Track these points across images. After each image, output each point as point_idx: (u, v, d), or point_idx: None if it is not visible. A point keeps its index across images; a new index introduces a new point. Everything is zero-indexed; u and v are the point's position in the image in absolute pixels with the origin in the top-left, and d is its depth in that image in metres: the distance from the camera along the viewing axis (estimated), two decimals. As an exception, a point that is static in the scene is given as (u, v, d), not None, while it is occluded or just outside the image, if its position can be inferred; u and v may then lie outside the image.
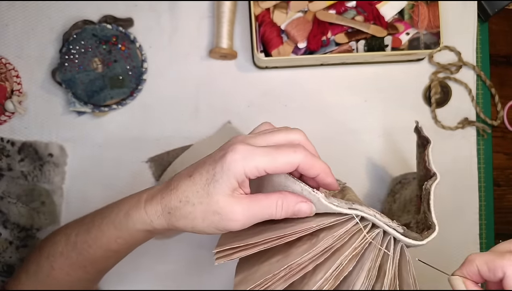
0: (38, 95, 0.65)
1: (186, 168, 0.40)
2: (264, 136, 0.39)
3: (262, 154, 0.36)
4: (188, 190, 0.37)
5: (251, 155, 0.36)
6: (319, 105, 0.68)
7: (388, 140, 0.68)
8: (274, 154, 0.36)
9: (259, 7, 0.63)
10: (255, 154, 0.36)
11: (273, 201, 0.38)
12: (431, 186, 0.45)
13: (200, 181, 0.37)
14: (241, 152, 0.36)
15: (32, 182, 0.63)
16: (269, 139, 0.39)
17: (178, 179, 0.39)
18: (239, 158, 0.36)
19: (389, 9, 0.65)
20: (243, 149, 0.36)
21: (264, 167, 0.36)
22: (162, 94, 0.66)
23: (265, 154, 0.36)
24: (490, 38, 0.71)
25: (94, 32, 0.61)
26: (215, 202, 0.37)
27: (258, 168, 0.36)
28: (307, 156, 0.37)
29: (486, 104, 0.70)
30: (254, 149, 0.36)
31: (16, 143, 0.63)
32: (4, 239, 0.63)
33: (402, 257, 0.41)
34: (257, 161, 0.36)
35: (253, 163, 0.36)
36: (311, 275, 0.38)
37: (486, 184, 0.70)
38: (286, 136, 0.40)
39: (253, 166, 0.36)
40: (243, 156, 0.36)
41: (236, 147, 0.36)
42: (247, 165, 0.36)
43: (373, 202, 0.68)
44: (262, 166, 0.36)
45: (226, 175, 0.36)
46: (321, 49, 0.64)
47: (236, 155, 0.36)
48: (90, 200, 0.65)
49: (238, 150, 0.36)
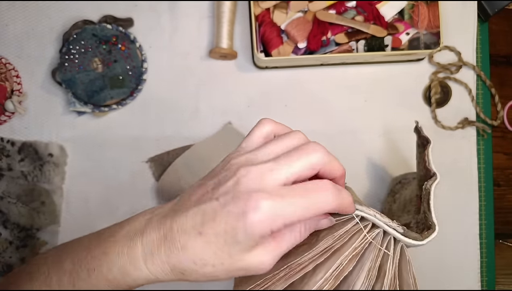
0: (38, 95, 0.65)
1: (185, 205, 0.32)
2: (273, 152, 0.33)
3: (292, 206, 0.30)
4: (202, 252, 0.31)
5: (280, 211, 0.29)
6: (319, 105, 0.68)
7: (388, 140, 0.68)
8: (304, 203, 0.30)
9: (259, 7, 0.63)
10: (284, 210, 0.29)
11: (297, 231, 0.33)
12: (431, 186, 0.45)
13: (216, 241, 0.30)
14: (267, 211, 0.29)
15: (32, 182, 0.63)
16: (283, 157, 0.32)
17: (183, 234, 0.31)
18: (264, 219, 0.29)
19: (389, 9, 0.65)
20: (268, 206, 0.29)
21: (295, 221, 0.30)
22: (162, 94, 0.66)
23: (295, 206, 0.30)
24: (490, 38, 0.71)
25: (94, 32, 0.61)
26: (239, 260, 0.31)
27: (287, 223, 0.30)
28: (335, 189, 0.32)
29: (486, 104, 0.70)
30: (282, 201, 0.29)
31: (16, 143, 0.63)
32: (4, 239, 0.63)
33: (402, 257, 0.41)
34: (287, 218, 0.30)
35: (281, 221, 0.30)
36: (311, 275, 0.38)
37: (486, 184, 0.70)
38: (300, 152, 0.33)
39: (282, 224, 0.30)
40: (270, 217, 0.29)
41: (258, 203, 0.29)
42: (275, 224, 0.29)
43: (373, 202, 0.68)
44: (293, 220, 0.30)
45: (250, 237, 0.30)
46: (321, 49, 0.64)
47: (260, 214, 0.29)
48: (90, 200, 0.65)
49: (262, 209, 0.29)
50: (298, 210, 0.30)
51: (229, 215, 0.30)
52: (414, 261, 0.72)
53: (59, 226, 0.64)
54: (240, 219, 0.29)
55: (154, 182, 0.65)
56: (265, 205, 0.29)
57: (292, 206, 0.30)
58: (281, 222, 0.29)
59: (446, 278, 0.68)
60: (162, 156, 0.65)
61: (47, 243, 0.63)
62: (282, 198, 0.29)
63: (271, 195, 0.29)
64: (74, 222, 0.65)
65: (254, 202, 0.29)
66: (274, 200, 0.29)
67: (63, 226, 0.64)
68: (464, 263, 0.68)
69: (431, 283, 0.68)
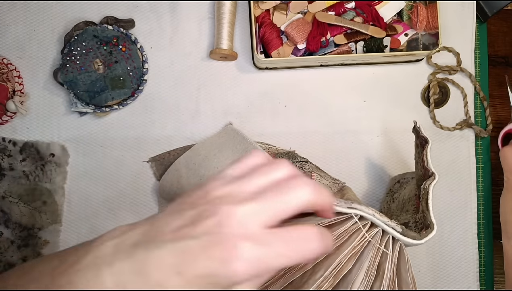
0: (40, 95, 0.65)
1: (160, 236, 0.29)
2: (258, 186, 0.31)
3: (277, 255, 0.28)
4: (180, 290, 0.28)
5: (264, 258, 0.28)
6: (319, 106, 0.68)
7: (387, 140, 0.69)
8: (289, 252, 0.29)
9: (259, 9, 0.63)
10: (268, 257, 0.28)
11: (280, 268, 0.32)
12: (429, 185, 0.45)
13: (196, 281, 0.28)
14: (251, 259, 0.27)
15: (33, 181, 0.64)
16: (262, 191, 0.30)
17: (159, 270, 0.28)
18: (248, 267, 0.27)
19: (388, 10, 0.65)
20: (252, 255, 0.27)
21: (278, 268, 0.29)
22: (163, 95, 0.66)
23: (280, 254, 0.28)
24: (489, 39, 0.71)
25: (95, 33, 0.62)
26: None
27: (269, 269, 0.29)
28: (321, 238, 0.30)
29: (482, 112, 0.71)
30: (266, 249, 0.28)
31: (18, 143, 0.64)
32: (6, 238, 0.63)
33: (401, 256, 0.41)
34: (270, 265, 0.28)
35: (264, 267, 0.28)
36: (310, 273, 0.39)
37: (485, 183, 0.70)
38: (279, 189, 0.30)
39: (265, 270, 0.28)
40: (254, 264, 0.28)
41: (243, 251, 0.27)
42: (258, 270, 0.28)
43: (372, 201, 0.68)
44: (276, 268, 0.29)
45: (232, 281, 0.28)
46: (321, 50, 0.64)
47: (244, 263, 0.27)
48: (91, 200, 0.65)
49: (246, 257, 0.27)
50: (282, 259, 0.29)
51: (211, 259, 0.27)
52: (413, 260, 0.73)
53: (61, 226, 0.64)
54: (223, 266, 0.27)
55: (155, 181, 0.66)
56: (249, 253, 0.27)
57: (277, 254, 0.28)
58: (264, 268, 0.28)
59: (445, 277, 0.68)
60: (163, 155, 0.65)
61: (49, 242, 0.64)
62: (267, 246, 0.28)
63: (255, 242, 0.28)
64: (76, 222, 0.65)
65: (238, 251, 0.27)
66: (259, 248, 0.28)
67: (65, 225, 0.65)
68: (463, 262, 0.68)
69: (430, 282, 0.68)
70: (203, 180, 0.57)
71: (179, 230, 0.29)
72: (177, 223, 0.29)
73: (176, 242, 0.28)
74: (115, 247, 0.29)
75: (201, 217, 0.29)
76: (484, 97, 0.70)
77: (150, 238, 0.29)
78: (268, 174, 0.31)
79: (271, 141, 0.67)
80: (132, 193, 0.66)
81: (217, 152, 0.60)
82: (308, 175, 0.57)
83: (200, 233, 0.28)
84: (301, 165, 0.60)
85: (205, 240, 0.28)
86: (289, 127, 0.67)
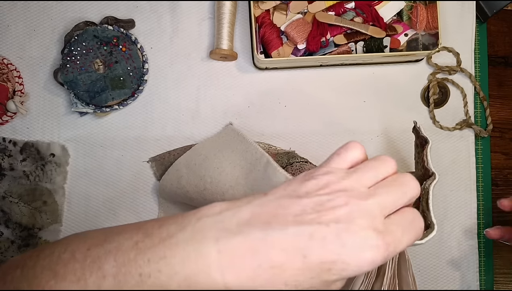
0: (40, 95, 0.65)
1: (279, 218, 0.29)
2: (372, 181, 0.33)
3: (399, 243, 0.30)
4: (298, 275, 0.28)
5: (389, 252, 0.29)
6: (319, 106, 0.68)
7: (387, 140, 0.69)
8: (408, 236, 0.31)
9: (259, 9, 0.63)
10: (393, 250, 0.30)
11: None
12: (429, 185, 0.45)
13: (318, 268, 0.28)
14: (382, 252, 0.29)
15: (34, 181, 0.64)
16: None
17: (281, 252, 0.28)
18: (378, 259, 0.29)
19: (387, 10, 0.65)
20: (383, 247, 0.29)
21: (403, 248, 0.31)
22: (163, 95, 0.66)
23: (401, 241, 0.30)
24: (488, 39, 0.71)
25: (96, 34, 0.62)
26: (331, 286, 0.30)
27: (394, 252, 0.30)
28: (422, 218, 0.33)
29: (482, 112, 0.71)
30: (393, 240, 0.30)
31: (18, 143, 0.64)
32: (6, 238, 0.63)
33: (401, 256, 0.41)
34: (394, 252, 0.30)
35: (391, 254, 0.30)
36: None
37: (484, 183, 0.70)
38: None
39: (389, 258, 0.30)
40: (384, 256, 0.29)
41: (377, 242, 0.29)
42: (385, 260, 0.30)
43: (372, 201, 0.68)
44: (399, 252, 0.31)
45: (358, 272, 0.29)
46: (321, 50, 0.64)
47: (376, 255, 0.29)
48: (91, 200, 0.65)
49: (378, 250, 0.29)
50: (404, 244, 0.30)
51: (343, 248, 0.28)
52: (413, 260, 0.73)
53: (61, 226, 0.64)
54: (355, 256, 0.28)
55: (155, 181, 0.66)
56: (377, 242, 0.28)
57: (400, 241, 0.30)
58: (389, 256, 0.29)
59: (445, 277, 0.69)
60: (163, 155, 0.65)
61: (49, 242, 0.64)
62: (392, 234, 0.29)
63: (382, 233, 0.29)
64: (76, 222, 0.65)
65: (369, 241, 0.28)
66: (386, 237, 0.29)
67: (65, 225, 0.65)
68: (463, 262, 0.69)
69: (430, 282, 0.68)
70: (203, 180, 0.57)
71: (302, 215, 0.29)
72: (297, 208, 0.29)
73: (299, 225, 0.28)
74: (218, 224, 0.29)
75: (324, 206, 0.29)
76: (484, 97, 0.70)
77: (265, 219, 0.29)
78: (378, 169, 0.33)
79: (271, 142, 0.67)
80: (132, 193, 0.66)
81: (217, 152, 0.60)
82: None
83: (329, 220, 0.28)
84: (301, 165, 0.60)
85: (336, 228, 0.28)
86: (289, 127, 0.68)
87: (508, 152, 0.72)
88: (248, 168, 0.54)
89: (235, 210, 0.30)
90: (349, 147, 0.35)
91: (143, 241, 0.29)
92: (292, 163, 0.60)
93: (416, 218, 0.32)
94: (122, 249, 0.29)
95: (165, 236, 0.29)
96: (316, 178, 0.31)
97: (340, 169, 0.33)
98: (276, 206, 0.30)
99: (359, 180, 0.31)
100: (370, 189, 0.31)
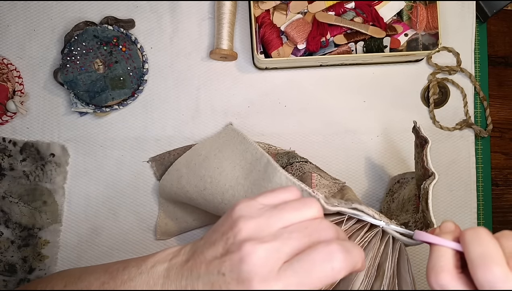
0: (40, 95, 0.65)
1: (198, 265, 0.33)
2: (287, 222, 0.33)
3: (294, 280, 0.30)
4: None
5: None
6: (319, 106, 0.68)
7: (387, 140, 0.69)
8: (307, 281, 0.30)
9: (259, 9, 0.63)
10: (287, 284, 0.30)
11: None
12: (429, 185, 0.45)
13: None
14: None
15: (34, 181, 0.64)
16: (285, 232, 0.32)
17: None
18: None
19: (387, 10, 0.65)
20: None
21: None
22: (163, 95, 0.66)
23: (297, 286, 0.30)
24: (488, 39, 0.71)
25: (96, 34, 0.62)
26: None
27: None
28: (347, 258, 0.31)
29: (482, 112, 0.71)
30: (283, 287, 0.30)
31: (18, 143, 0.64)
32: (6, 238, 0.63)
33: (401, 256, 0.41)
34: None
35: None
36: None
37: (484, 183, 0.70)
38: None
39: None
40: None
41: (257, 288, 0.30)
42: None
43: (372, 201, 0.68)
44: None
45: None
46: (321, 50, 0.64)
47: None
48: (91, 199, 0.65)
49: None
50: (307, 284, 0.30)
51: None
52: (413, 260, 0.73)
53: (61, 226, 0.65)
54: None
55: (155, 181, 0.66)
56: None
57: (296, 286, 0.30)
58: None
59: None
60: (163, 155, 0.65)
61: (49, 242, 0.64)
62: (284, 281, 0.30)
63: (272, 280, 0.30)
64: (76, 222, 0.65)
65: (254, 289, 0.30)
66: (275, 285, 0.30)
67: (65, 225, 0.65)
68: (463, 262, 0.69)
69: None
70: (203, 180, 0.57)
71: (212, 262, 0.32)
72: (212, 253, 0.32)
73: (207, 275, 0.32)
74: (164, 272, 0.34)
75: (228, 250, 0.32)
76: (484, 97, 0.70)
77: (191, 265, 0.33)
78: (298, 211, 0.33)
79: (271, 141, 0.67)
80: (132, 193, 0.66)
81: (217, 152, 0.60)
82: (308, 175, 0.57)
83: (225, 270, 0.31)
84: (301, 165, 0.60)
85: (229, 278, 0.31)
86: (289, 127, 0.68)
87: (508, 152, 0.72)
88: (248, 168, 0.54)
89: (178, 258, 0.34)
90: (283, 188, 0.36)
91: (108, 282, 0.36)
92: (292, 163, 0.60)
93: (329, 257, 0.30)
94: (91, 288, 0.36)
95: (126, 278, 0.35)
96: (234, 211, 0.33)
97: (260, 202, 0.34)
98: (200, 251, 0.33)
99: (271, 218, 0.32)
100: (277, 231, 0.32)
